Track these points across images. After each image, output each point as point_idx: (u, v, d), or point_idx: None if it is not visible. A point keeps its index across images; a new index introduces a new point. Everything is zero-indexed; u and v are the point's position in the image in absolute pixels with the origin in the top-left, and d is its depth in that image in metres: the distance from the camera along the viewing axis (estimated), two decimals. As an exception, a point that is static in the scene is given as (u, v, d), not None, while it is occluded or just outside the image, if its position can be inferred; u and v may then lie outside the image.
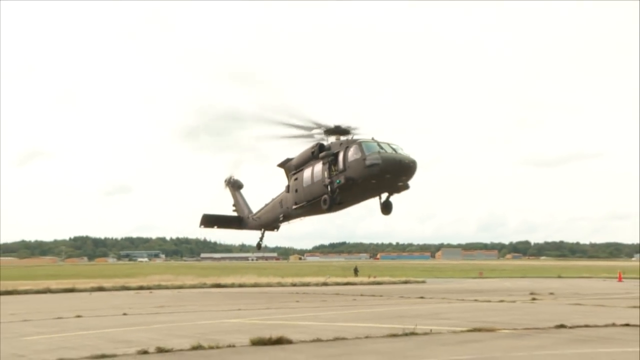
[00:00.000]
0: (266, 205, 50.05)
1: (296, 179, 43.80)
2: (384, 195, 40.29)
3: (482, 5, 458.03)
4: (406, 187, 39.20)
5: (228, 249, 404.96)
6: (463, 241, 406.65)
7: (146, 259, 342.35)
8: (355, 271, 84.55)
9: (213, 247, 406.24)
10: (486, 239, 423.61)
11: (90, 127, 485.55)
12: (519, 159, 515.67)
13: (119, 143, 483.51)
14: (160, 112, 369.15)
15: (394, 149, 38.15)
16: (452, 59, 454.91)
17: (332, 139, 41.75)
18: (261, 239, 52.50)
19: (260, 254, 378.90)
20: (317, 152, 41.46)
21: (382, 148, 37.88)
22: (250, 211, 53.27)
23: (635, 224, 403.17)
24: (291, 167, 44.64)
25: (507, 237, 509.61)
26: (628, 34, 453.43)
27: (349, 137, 40.72)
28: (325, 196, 40.15)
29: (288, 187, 45.25)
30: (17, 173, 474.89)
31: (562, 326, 19.36)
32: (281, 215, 47.18)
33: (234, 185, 55.60)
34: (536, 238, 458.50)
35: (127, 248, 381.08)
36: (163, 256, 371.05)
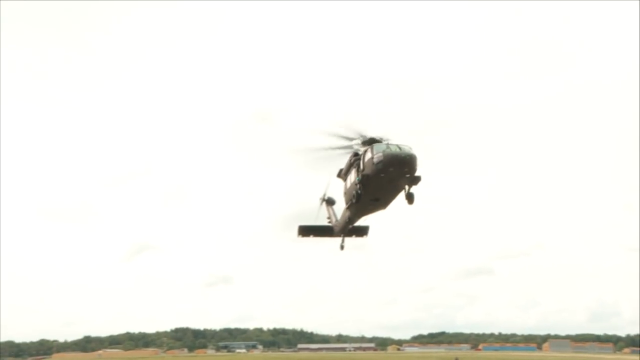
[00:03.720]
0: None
1: (345, 184, 52.72)
2: (406, 188, 47.48)
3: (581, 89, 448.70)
4: (416, 178, 46.08)
5: (325, 339, 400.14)
6: (572, 332, 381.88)
7: (244, 350, 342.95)
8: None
9: (310, 337, 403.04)
10: (598, 330, 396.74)
11: (195, 221, 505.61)
12: (629, 245, 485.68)
13: (222, 236, 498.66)
14: (261, 204, 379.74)
15: (399, 147, 45.32)
16: (551, 144, 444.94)
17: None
18: (343, 241, 60.82)
19: (357, 345, 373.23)
20: (353, 159, 50.15)
21: (388, 148, 45.51)
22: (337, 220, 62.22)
23: None
24: (342, 176, 53.26)
25: (623, 329, 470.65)
26: None
27: None
28: (354, 191, 48.94)
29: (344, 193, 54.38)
30: (124, 268, 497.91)
31: None
32: (347, 218, 55.70)
33: (328, 202, 63.23)
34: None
35: (226, 339, 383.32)
36: (260, 347, 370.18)
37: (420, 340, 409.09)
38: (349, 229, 59.29)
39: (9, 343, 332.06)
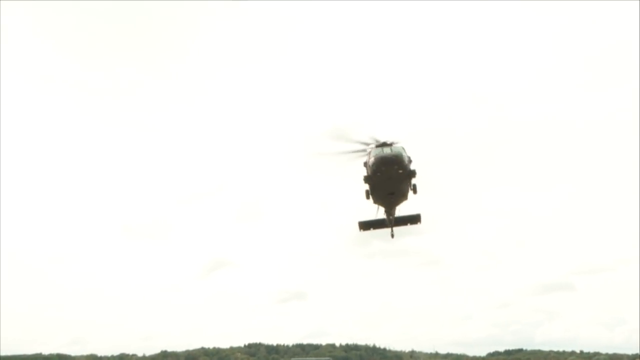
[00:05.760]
0: None
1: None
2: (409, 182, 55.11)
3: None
4: (411, 172, 53.55)
5: (398, 355, 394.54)
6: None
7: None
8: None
9: (382, 353, 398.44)
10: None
11: (269, 238, 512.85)
12: None
13: (295, 252, 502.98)
14: (334, 220, 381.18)
15: (391, 149, 52.05)
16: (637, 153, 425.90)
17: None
18: (392, 230, 66.59)
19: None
20: (365, 162, 56.92)
21: (382, 151, 52.16)
22: None
23: None
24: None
25: None
26: None
27: None
28: (367, 190, 56.62)
29: None
30: (200, 283, 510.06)
31: None
32: (384, 212, 62.59)
33: None
34: None
35: (298, 355, 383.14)
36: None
37: (497, 357, 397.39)
38: (399, 218, 65.46)
39: (91, 356, 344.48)
